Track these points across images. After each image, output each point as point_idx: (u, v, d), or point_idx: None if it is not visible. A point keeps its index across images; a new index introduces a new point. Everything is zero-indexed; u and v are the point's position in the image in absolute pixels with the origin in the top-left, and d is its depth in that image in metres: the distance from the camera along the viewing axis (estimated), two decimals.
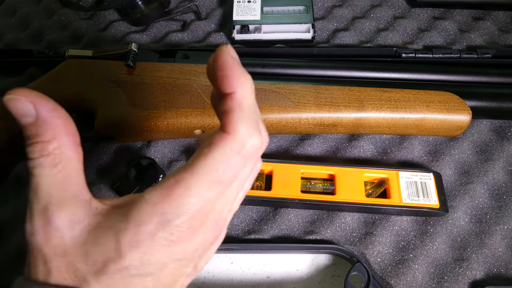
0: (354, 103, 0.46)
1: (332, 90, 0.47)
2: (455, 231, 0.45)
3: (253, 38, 0.58)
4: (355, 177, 0.45)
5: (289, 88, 0.47)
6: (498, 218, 0.45)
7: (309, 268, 0.46)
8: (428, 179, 0.45)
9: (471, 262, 0.42)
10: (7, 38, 0.61)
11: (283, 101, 0.46)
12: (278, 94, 0.47)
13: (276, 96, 0.47)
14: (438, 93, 0.47)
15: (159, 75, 0.48)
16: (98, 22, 0.63)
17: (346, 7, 0.63)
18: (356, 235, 0.44)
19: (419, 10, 0.63)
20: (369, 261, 0.43)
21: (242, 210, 0.46)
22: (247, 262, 0.46)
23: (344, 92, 0.47)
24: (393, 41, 0.59)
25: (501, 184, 0.48)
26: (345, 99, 0.46)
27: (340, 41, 0.59)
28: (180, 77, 0.48)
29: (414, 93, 0.47)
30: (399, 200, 0.44)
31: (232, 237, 0.44)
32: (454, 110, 0.46)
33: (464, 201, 0.46)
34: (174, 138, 0.50)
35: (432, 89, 0.48)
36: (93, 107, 0.47)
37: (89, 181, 0.48)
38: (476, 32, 0.60)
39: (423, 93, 0.47)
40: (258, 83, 0.48)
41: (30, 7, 0.64)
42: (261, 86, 0.47)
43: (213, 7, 0.64)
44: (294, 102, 0.46)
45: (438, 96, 0.47)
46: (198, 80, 0.48)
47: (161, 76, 0.48)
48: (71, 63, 0.49)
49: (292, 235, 0.44)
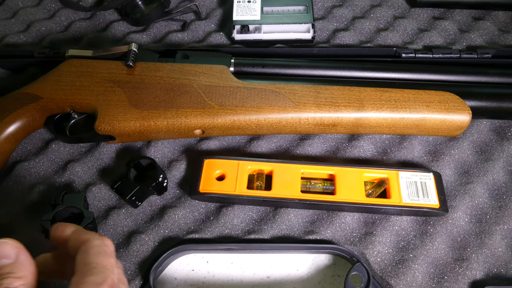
0: (354, 103, 0.46)
1: (332, 90, 0.47)
2: (455, 231, 0.45)
3: (253, 38, 0.58)
4: (355, 177, 0.45)
5: (289, 88, 0.47)
6: (498, 218, 0.45)
7: (309, 268, 0.46)
8: (428, 179, 0.45)
9: (471, 262, 0.42)
10: (7, 38, 0.61)
11: (283, 101, 0.46)
12: (278, 94, 0.47)
13: (276, 96, 0.47)
14: (438, 93, 0.47)
15: (159, 75, 0.48)
16: (98, 22, 0.63)
17: (346, 7, 0.63)
18: (356, 235, 0.44)
19: (419, 10, 0.63)
20: (369, 261, 0.43)
21: (242, 210, 0.46)
22: (247, 262, 0.46)
23: (344, 92, 0.47)
24: (393, 41, 0.59)
25: (501, 184, 0.48)
26: (345, 99, 0.46)
27: (340, 41, 0.59)
28: (180, 77, 0.48)
29: (414, 93, 0.47)
30: (399, 200, 0.44)
31: (232, 237, 0.44)
32: (454, 110, 0.46)
33: (464, 201, 0.46)
34: (174, 138, 0.50)
35: (432, 89, 0.47)
36: (93, 107, 0.47)
37: (89, 181, 0.48)
38: (476, 32, 0.60)
39: (423, 93, 0.47)
40: (258, 83, 0.48)
41: (30, 7, 0.64)
42: (261, 86, 0.47)
43: (213, 7, 0.64)
44: (294, 102, 0.46)
45: (438, 96, 0.47)
46: (198, 80, 0.47)
47: (161, 76, 0.48)
48: (71, 63, 0.49)
49: (292, 235, 0.44)
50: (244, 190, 0.44)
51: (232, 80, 0.48)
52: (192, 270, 0.45)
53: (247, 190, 0.44)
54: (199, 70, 0.48)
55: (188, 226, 0.45)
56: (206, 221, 0.45)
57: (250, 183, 0.45)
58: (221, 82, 0.48)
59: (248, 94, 0.47)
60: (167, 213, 0.45)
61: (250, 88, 0.47)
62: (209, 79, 0.48)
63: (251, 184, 0.45)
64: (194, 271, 0.45)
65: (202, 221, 0.45)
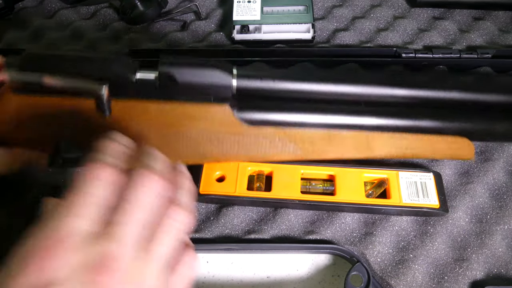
0: (362, 148, 0.42)
1: (343, 137, 0.42)
2: (455, 231, 0.45)
3: (253, 38, 0.58)
4: (355, 178, 0.45)
5: (300, 135, 0.41)
6: (498, 218, 0.45)
7: (309, 268, 0.46)
8: (428, 179, 0.45)
9: (471, 262, 0.42)
10: (7, 38, 0.61)
11: (292, 149, 0.41)
12: (287, 142, 0.41)
13: (284, 143, 0.41)
14: (452, 139, 0.42)
15: (146, 118, 0.38)
16: (98, 22, 0.63)
17: (346, 7, 0.63)
18: (356, 235, 0.44)
19: (419, 10, 0.63)
20: (369, 261, 0.43)
21: (242, 210, 0.46)
22: (247, 262, 0.46)
23: (354, 137, 0.42)
24: (393, 41, 0.59)
25: (501, 184, 0.48)
26: (353, 145, 0.42)
27: (340, 41, 0.59)
28: (174, 123, 0.38)
29: (426, 139, 0.42)
30: (399, 200, 0.44)
31: (232, 237, 0.44)
32: (460, 153, 0.43)
33: (464, 201, 0.46)
34: None
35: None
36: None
37: None
38: (476, 32, 0.60)
39: (435, 138, 0.42)
40: (265, 129, 0.40)
41: (30, 7, 0.64)
42: (269, 131, 0.40)
43: (213, 7, 0.64)
44: (303, 149, 0.42)
45: (450, 142, 0.42)
46: (196, 126, 0.38)
47: (150, 119, 0.38)
48: (9, 100, 0.35)
49: (292, 235, 0.44)
50: (244, 191, 0.44)
51: (235, 124, 0.39)
52: None
53: (247, 191, 0.44)
54: (196, 114, 0.38)
55: None
56: (206, 221, 0.45)
57: (250, 184, 0.45)
58: (223, 128, 0.39)
59: (253, 141, 0.40)
60: None
61: (256, 134, 0.40)
62: (208, 125, 0.39)
63: (251, 185, 0.45)
64: None
65: (202, 221, 0.45)
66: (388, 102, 0.41)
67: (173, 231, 0.27)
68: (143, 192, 0.26)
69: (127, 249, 0.24)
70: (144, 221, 0.26)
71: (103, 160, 0.26)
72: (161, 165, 0.28)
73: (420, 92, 0.41)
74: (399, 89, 0.41)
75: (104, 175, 0.26)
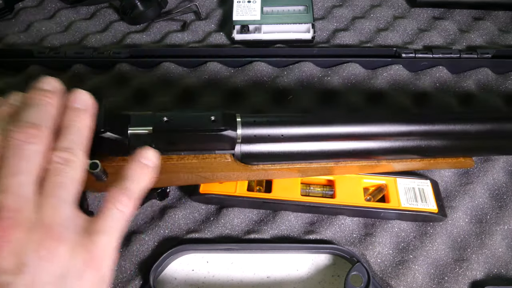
0: (366, 169, 0.42)
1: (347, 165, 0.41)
2: (455, 231, 0.45)
3: (253, 38, 0.58)
4: (354, 183, 0.45)
5: (304, 168, 0.40)
6: (498, 218, 0.45)
7: (309, 268, 0.46)
8: (426, 186, 0.46)
9: (471, 263, 0.42)
10: (7, 38, 0.61)
11: (295, 175, 0.42)
12: (291, 173, 0.41)
13: (288, 174, 0.41)
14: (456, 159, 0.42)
15: None
16: (98, 22, 0.63)
17: (346, 7, 0.63)
18: (356, 236, 0.44)
19: (419, 10, 0.63)
20: (369, 261, 0.43)
21: (242, 211, 0.46)
22: (247, 262, 0.46)
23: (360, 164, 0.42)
24: (393, 41, 0.59)
25: (501, 184, 0.48)
26: (359, 169, 0.42)
27: (340, 41, 0.59)
28: (178, 170, 0.38)
29: (431, 162, 0.42)
30: (398, 204, 0.44)
31: (232, 237, 0.44)
32: (461, 166, 0.43)
33: (464, 201, 0.46)
34: None
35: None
36: None
37: None
38: (476, 32, 0.60)
39: (440, 159, 0.42)
40: (269, 167, 0.40)
41: (30, 7, 0.64)
42: (273, 169, 0.40)
43: (213, 7, 0.64)
44: (307, 175, 0.42)
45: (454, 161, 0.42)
46: (199, 172, 0.38)
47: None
48: None
49: (292, 235, 0.44)
50: (244, 192, 0.44)
51: (239, 167, 0.38)
52: (192, 270, 0.45)
53: (247, 192, 0.44)
54: (199, 165, 0.37)
55: (188, 226, 0.45)
56: (206, 222, 0.45)
57: (250, 186, 0.45)
58: (226, 170, 0.39)
59: (257, 175, 0.40)
60: (167, 213, 0.45)
61: (261, 170, 0.40)
62: (212, 171, 0.38)
63: (251, 188, 0.45)
64: (194, 271, 0.45)
65: (202, 222, 0.45)
66: (395, 136, 0.40)
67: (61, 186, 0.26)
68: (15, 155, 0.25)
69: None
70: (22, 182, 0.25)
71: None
72: (38, 114, 0.27)
73: (426, 127, 0.40)
74: (403, 125, 0.39)
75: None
